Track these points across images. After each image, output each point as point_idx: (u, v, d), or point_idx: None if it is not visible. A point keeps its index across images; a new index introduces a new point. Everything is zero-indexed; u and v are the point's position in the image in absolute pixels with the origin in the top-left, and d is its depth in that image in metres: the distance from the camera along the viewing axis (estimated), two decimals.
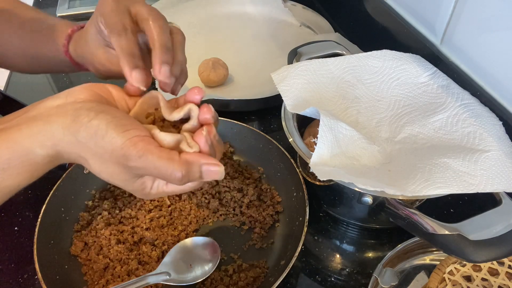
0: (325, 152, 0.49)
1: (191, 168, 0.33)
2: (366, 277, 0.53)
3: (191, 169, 0.33)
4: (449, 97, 0.56)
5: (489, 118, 0.52)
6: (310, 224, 0.52)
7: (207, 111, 0.36)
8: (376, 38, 0.80)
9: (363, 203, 0.50)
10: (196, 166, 0.33)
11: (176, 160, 0.33)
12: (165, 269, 0.50)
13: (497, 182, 0.45)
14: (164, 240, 0.54)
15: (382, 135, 0.57)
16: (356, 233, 0.59)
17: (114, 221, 0.56)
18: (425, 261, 0.53)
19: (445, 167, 0.47)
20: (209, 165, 0.34)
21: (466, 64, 0.60)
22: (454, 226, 0.42)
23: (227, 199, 0.60)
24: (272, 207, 0.59)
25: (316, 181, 0.56)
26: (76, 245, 0.54)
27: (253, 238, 0.56)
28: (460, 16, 0.59)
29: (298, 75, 0.58)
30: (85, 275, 0.52)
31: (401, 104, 0.59)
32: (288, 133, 0.53)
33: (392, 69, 0.61)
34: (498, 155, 0.47)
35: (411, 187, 0.45)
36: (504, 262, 0.46)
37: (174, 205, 0.59)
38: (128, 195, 0.60)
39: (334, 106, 0.59)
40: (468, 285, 0.45)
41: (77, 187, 0.59)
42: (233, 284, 0.51)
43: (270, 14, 0.98)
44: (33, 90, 0.84)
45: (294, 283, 0.53)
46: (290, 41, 0.89)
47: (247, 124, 0.65)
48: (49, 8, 1.10)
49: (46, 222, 0.53)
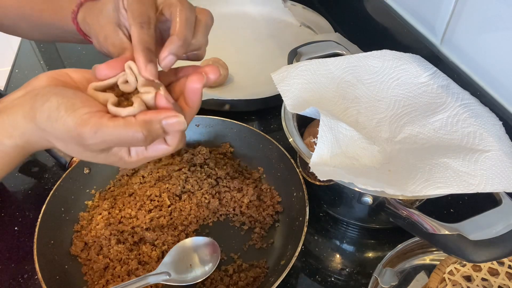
0: (325, 152, 0.49)
1: (151, 126, 0.33)
2: (366, 277, 0.53)
3: (151, 127, 0.33)
4: (449, 97, 0.56)
5: (489, 118, 0.52)
6: (310, 224, 0.52)
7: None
8: (376, 38, 0.80)
9: (363, 203, 0.50)
10: (156, 123, 0.33)
11: (133, 122, 0.32)
12: (165, 269, 0.50)
13: (497, 182, 0.45)
14: (164, 240, 0.54)
15: (382, 135, 0.57)
16: (356, 233, 0.59)
17: (114, 221, 0.56)
18: (425, 261, 0.53)
19: (445, 167, 0.47)
20: (168, 118, 0.33)
21: (466, 64, 0.60)
22: (454, 226, 0.42)
23: (227, 199, 0.60)
24: (272, 207, 0.59)
25: (316, 181, 0.56)
26: (76, 245, 0.54)
27: (253, 238, 0.56)
28: (460, 16, 0.59)
29: (298, 75, 0.58)
30: (85, 275, 0.52)
31: (401, 104, 0.59)
32: (288, 133, 0.53)
33: (392, 69, 0.61)
34: (498, 155, 0.47)
35: (411, 187, 0.45)
36: (504, 262, 0.46)
37: (174, 205, 0.59)
38: (128, 195, 0.60)
39: (334, 106, 0.59)
40: (468, 285, 0.45)
41: (77, 187, 0.59)
42: (233, 284, 0.51)
43: (270, 14, 0.98)
44: None
45: (294, 283, 0.53)
46: (290, 41, 0.89)
47: (247, 124, 0.65)
48: None
49: (46, 222, 0.53)
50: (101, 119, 0.32)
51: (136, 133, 0.32)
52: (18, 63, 0.91)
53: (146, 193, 0.59)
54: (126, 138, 0.32)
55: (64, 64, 0.90)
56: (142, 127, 0.32)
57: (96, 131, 0.31)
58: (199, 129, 0.67)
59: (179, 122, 0.34)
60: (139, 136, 0.32)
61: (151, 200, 0.59)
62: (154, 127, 0.33)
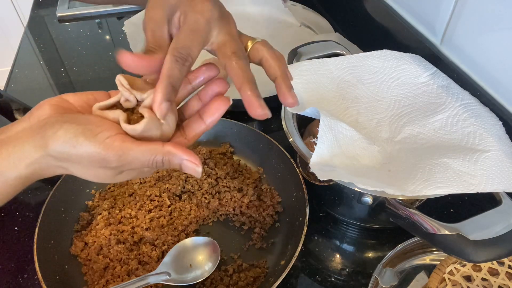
0: (325, 152, 0.49)
1: (172, 159, 0.34)
2: (366, 277, 0.53)
3: (171, 160, 0.34)
4: (449, 97, 0.56)
5: (489, 118, 0.52)
6: (310, 224, 0.52)
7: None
8: (376, 38, 0.80)
9: (363, 203, 0.50)
10: (177, 159, 0.34)
11: (159, 150, 0.33)
12: (165, 269, 0.50)
13: (497, 182, 0.45)
14: (164, 240, 0.54)
15: (382, 135, 0.57)
16: (356, 233, 0.59)
17: (114, 221, 0.56)
18: (425, 261, 0.53)
19: (445, 167, 0.47)
20: (189, 163, 0.34)
21: (466, 64, 0.60)
22: (454, 226, 0.42)
23: (227, 199, 0.60)
24: (272, 207, 0.59)
25: (316, 181, 0.56)
26: (76, 245, 0.54)
27: (253, 238, 0.56)
28: (460, 16, 0.59)
29: (298, 75, 0.58)
30: (85, 275, 0.52)
31: (401, 104, 0.59)
32: (288, 133, 0.53)
33: (392, 69, 0.61)
34: (498, 155, 0.47)
35: (411, 187, 0.45)
36: (504, 262, 0.46)
37: (174, 205, 0.59)
38: (128, 195, 0.60)
39: (334, 106, 0.59)
40: (468, 285, 0.45)
41: (77, 187, 0.59)
42: (233, 284, 0.51)
43: (270, 14, 0.98)
44: (33, 90, 0.84)
45: (294, 283, 0.53)
46: (290, 41, 0.89)
47: (247, 124, 0.65)
48: (49, 7, 1.10)
49: (46, 222, 0.53)
50: (124, 143, 0.32)
51: (158, 158, 0.33)
52: (18, 63, 0.91)
53: (146, 193, 0.59)
54: (148, 161, 0.33)
55: (64, 64, 0.90)
56: (166, 155, 0.33)
57: (121, 155, 0.32)
58: None
59: (196, 172, 0.34)
60: (158, 160, 0.33)
61: (151, 200, 0.59)
62: (173, 161, 0.34)
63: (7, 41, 1.93)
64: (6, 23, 1.89)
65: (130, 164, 0.33)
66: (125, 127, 0.33)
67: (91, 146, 0.32)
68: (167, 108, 0.33)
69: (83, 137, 0.32)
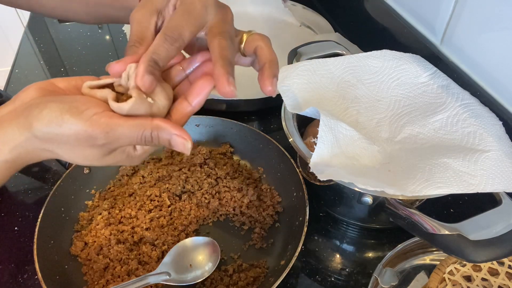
0: (325, 152, 0.49)
1: (161, 134, 0.33)
2: (366, 277, 0.53)
3: (160, 135, 0.33)
4: (449, 97, 0.56)
5: (489, 118, 0.52)
6: (310, 224, 0.52)
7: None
8: (376, 38, 0.80)
9: (363, 203, 0.50)
10: (166, 134, 0.33)
11: (148, 124, 0.33)
12: (165, 269, 0.50)
13: (497, 182, 0.45)
14: (164, 240, 0.54)
15: (382, 135, 0.57)
16: (356, 233, 0.59)
17: (114, 221, 0.56)
18: (425, 261, 0.53)
19: (445, 167, 0.47)
20: (178, 137, 0.33)
21: (466, 64, 0.60)
22: (454, 226, 0.42)
23: (227, 199, 0.60)
24: (272, 207, 0.59)
25: (316, 181, 0.56)
26: (76, 245, 0.54)
27: (253, 238, 0.56)
28: (460, 16, 0.59)
29: (298, 75, 0.58)
30: (85, 275, 0.52)
31: (401, 104, 0.59)
32: (288, 133, 0.53)
33: (392, 69, 0.61)
34: (498, 155, 0.47)
35: (411, 187, 0.45)
36: (504, 262, 0.46)
37: (174, 205, 0.59)
38: (128, 195, 0.60)
39: (334, 106, 0.59)
40: (468, 285, 0.45)
41: (77, 187, 0.59)
42: (233, 284, 0.51)
43: (270, 14, 0.98)
44: None
45: (294, 283, 0.53)
46: (290, 41, 0.89)
47: (247, 124, 0.65)
48: None
49: (46, 222, 0.53)
50: (111, 119, 0.32)
51: (146, 132, 0.32)
52: (18, 63, 0.91)
53: (146, 193, 0.59)
54: (137, 137, 0.32)
55: (64, 64, 0.90)
56: (154, 129, 0.33)
57: (108, 131, 0.31)
58: (199, 129, 0.67)
59: (185, 148, 0.34)
60: (147, 135, 0.33)
61: (151, 200, 0.59)
62: (162, 136, 0.33)
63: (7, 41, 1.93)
64: (6, 23, 1.89)
65: (118, 140, 0.32)
66: (113, 104, 0.33)
67: (77, 123, 0.31)
68: (150, 81, 0.33)
69: (69, 114, 0.31)
